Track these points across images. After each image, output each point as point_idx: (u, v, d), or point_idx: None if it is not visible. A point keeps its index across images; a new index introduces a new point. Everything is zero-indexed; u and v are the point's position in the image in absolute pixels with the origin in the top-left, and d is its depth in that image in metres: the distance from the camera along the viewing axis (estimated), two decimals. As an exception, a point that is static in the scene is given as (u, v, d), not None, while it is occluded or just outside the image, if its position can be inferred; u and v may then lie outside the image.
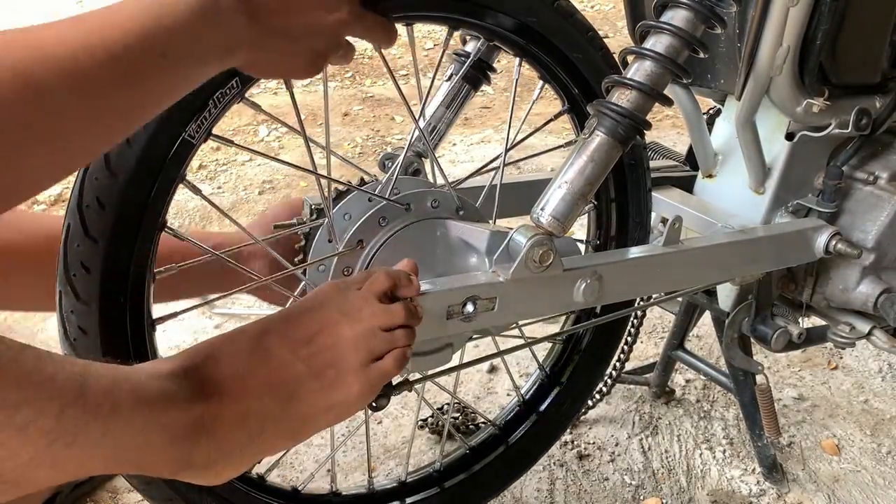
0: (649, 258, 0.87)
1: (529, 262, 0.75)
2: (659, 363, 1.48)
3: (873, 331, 1.13)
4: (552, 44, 0.87)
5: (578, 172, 0.74)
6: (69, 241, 0.66)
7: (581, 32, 0.88)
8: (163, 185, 0.68)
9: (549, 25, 0.86)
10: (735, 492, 1.32)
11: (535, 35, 0.86)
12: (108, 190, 0.65)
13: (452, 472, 1.05)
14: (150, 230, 0.68)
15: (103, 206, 0.65)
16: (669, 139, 2.89)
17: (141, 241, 0.68)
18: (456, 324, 0.75)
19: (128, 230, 0.67)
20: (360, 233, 0.82)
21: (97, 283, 0.67)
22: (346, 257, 0.82)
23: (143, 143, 0.66)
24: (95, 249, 0.66)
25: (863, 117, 1.04)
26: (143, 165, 0.66)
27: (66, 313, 0.67)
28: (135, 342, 0.71)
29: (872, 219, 1.07)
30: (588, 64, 0.89)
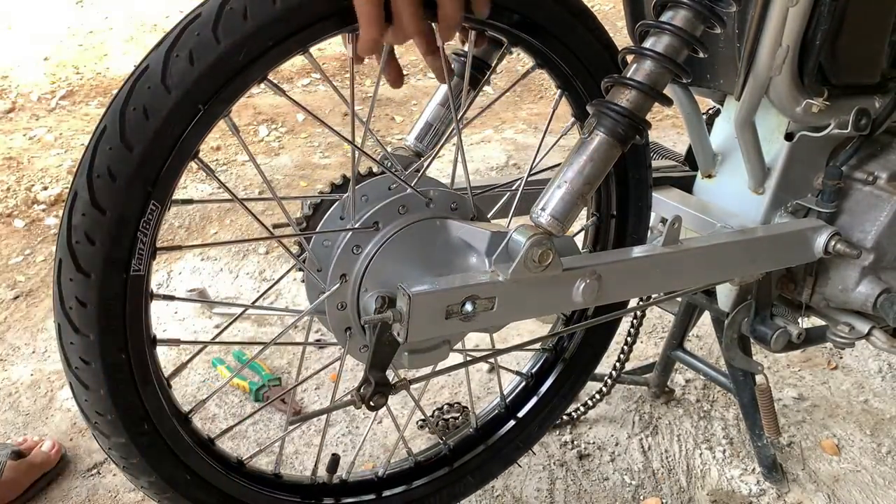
0: (648, 258, 0.87)
1: (528, 262, 0.75)
2: (658, 363, 1.48)
3: (873, 331, 1.13)
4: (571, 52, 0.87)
5: (578, 172, 0.74)
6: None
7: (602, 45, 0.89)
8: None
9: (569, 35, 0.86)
10: (735, 492, 1.32)
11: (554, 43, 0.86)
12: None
13: (428, 469, 1.06)
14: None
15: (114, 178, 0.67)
16: (669, 139, 2.89)
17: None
18: (455, 323, 0.75)
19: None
20: (378, 215, 0.82)
21: (101, 255, 0.69)
22: (356, 235, 0.82)
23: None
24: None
25: (862, 117, 1.04)
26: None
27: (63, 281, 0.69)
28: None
29: (872, 219, 1.07)
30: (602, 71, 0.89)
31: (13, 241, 2.18)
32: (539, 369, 1.10)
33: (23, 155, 2.74)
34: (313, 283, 0.85)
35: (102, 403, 0.74)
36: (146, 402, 0.77)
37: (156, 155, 0.68)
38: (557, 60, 0.88)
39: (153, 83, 0.67)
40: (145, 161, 0.68)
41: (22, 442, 1.36)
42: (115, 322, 0.71)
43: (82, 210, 0.68)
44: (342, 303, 0.83)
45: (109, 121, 0.67)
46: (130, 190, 0.68)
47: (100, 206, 0.67)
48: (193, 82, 0.67)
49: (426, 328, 0.74)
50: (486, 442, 1.09)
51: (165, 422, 0.79)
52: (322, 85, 3.55)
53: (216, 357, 1.63)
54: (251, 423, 1.47)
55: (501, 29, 0.83)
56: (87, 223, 0.68)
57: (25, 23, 4.36)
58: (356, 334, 0.85)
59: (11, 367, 1.65)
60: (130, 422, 0.76)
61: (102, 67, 3.74)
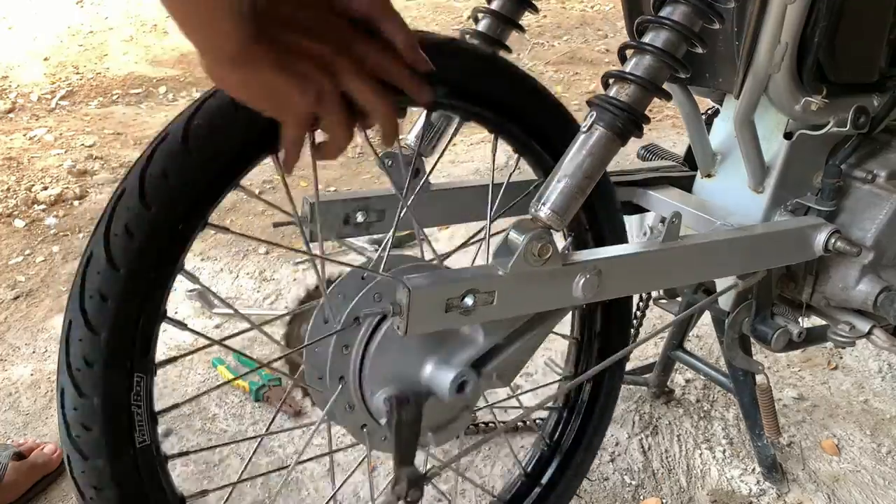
0: (648, 254, 0.87)
1: (528, 256, 0.75)
2: (658, 363, 1.48)
3: (873, 330, 1.12)
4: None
5: (577, 167, 0.75)
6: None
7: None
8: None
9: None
10: (735, 492, 1.32)
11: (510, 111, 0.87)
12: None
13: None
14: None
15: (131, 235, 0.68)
16: (669, 139, 2.90)
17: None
18: (455, 317, 0.75)
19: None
20: (357, 309, 0.81)
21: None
22: (343, 335, 0.81)
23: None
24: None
25: (861, 115, 1.04)
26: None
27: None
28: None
29: (871, 217, 1.07)
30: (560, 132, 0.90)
31: (13, 241, 2.18)
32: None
33: (23, 155, 2.74)
34: (316, 393, 0.85)
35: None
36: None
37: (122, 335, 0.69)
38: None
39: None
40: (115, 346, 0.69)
41: (23, 443, 1.36)
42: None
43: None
44: (349, 404, 0.83)
45: (72, 312, 0.68)
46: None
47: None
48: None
49: (426, 322, 0.74)
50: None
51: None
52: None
53: (216, 357, 1.63)
54: (251, 424, 1.47)
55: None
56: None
57: (25, 23, 4.37)
58: (374, 429, 0.85)
59: (11, 367, 1.64)
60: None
61: (102, 67, 3.75)
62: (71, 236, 2.23)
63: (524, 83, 0.88)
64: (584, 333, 1.05)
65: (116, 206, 0.68)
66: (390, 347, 0.81)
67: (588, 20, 4.56)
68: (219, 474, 1.34)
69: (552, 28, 4.42)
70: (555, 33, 4.34)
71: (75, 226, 2.28)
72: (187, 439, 1.42)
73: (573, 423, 1.07)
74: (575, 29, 4.42)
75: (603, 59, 3.98)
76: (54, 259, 2.10)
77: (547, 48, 4.13)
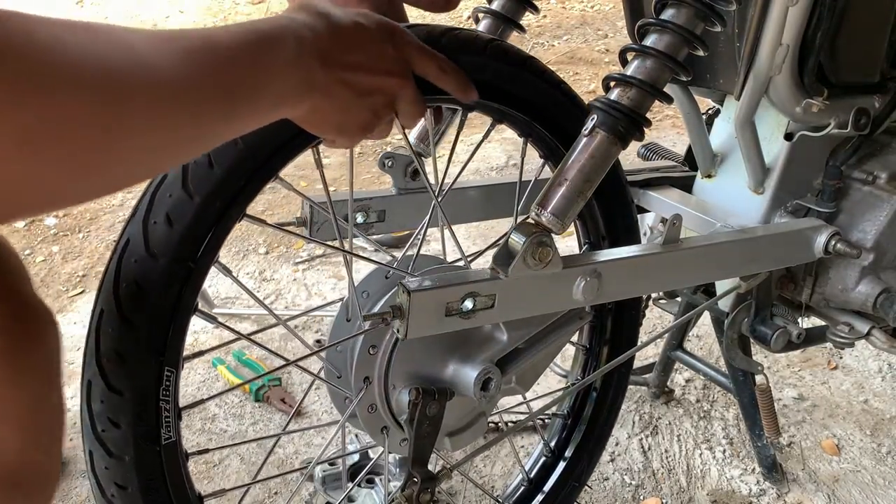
0: (648, 257, 0.87)
1: (528, 260, 0.75)
2: (658, 363, 1.48)
3: (872, 331, 1.13)
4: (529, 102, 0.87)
5: (578, 170, 0.75)
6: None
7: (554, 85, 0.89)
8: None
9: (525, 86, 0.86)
10: (735, 492, 1.32)
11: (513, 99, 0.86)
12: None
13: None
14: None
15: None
16: (669, 139, 2.90)
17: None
18: (455, 321, 0.75)
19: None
20: (384, 309, 0.79)
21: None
22: (370, 336, 0.81)
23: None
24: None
25: (862, 117, 1.04)
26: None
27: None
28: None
29: (871, 219, 1.07)
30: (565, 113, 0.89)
31: (13, 241, 2.18)
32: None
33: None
34: (337, 393, 0.84)
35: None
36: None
37: (157, 326, 0.68)
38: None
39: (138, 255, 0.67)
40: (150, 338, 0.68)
41: None
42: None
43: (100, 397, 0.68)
44: (372, 405, 0.83)
45: (104, 302, 0.68)
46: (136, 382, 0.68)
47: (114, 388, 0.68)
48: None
49: (426, 325, 0.74)
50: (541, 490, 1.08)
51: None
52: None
53: (216, 357, 1.63)
54: (251, 423, 1.47)
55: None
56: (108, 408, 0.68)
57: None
58: (394, 432, 0.85)
59: (11, 366, 1.64)
60: None
61: (103, 68, 3.75)
62: (71, 236, 2.23)
63: (558, 87, 0.88)
64: (592, 340, 1.05)
65: (156, 194, 0.67)
66: (417, 346, 0.81)
67: (588, 20, 4.56)
68: (219, 474, 1.34)
69: (552, 28, 4.41)
70: (555, 33, 4.34)
71: (75, 226, 2.28)
72: (187, 439, 1.42)
73: (577, 432, 1.08)
74: (575, 29, 4.42)
75: (603, 59, 3.98)
76: (54, 259, 2.10)
77: (547, 48, 4.12)
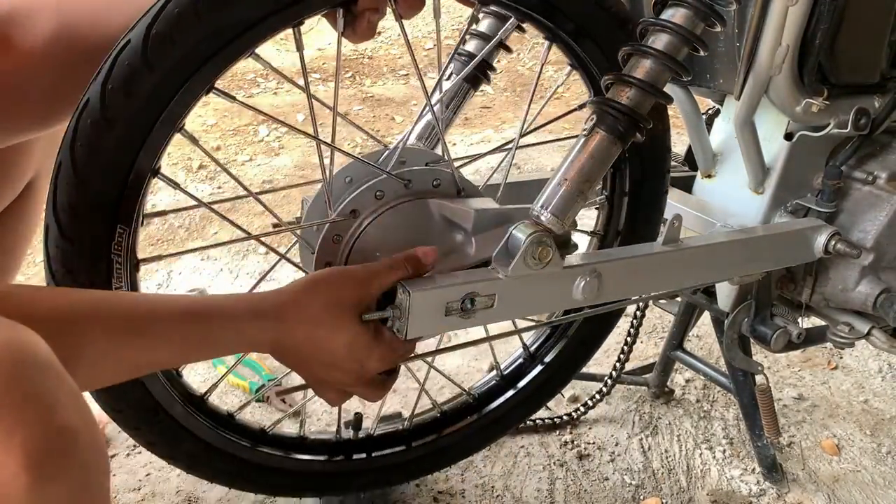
0: (648, 257, 0.87)
1: (528, 259, 0.75)
2: (658, 363, 1.48)
3: (872, 331, 1.13)
4: (585, 34, 0.86)
5: (578, 170, 0.75)
6: None
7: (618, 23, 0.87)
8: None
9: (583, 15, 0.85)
10: (735, 492, 1.32)
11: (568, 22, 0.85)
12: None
13: (421, 433, 1.07)
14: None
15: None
16: (669, 140, 2.89)
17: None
18: (455, 320, 0.75)
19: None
20: (356, 203, 0.82)
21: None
22: (338, 225, 0.82)
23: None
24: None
25: (861, 117, 1.04)
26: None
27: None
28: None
29: (871, 218, 1.07)
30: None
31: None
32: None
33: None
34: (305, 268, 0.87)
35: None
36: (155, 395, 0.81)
37: (109, 185, 0.70)
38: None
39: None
40: (102, 191, 0.70)
41: None
42: None
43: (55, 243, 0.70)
44: None
45: (62, 156, 0.69)
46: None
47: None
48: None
49: (426, 325, 0.74)
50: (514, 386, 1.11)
51: (178, 407, 0.84)
52: (322, 85, 3.55)
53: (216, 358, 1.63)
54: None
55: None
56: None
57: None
58: None
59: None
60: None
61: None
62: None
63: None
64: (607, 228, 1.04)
65: (117, 60, 0.67)
66: (377, 239, 0.83)
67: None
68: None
69: (552, 27, 4.41)
70: (555, 32, 4.33)
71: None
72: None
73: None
74: (575, 27, 4.41)
75: (603, 57, 3.98)
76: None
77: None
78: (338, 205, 0.82)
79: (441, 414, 1.08)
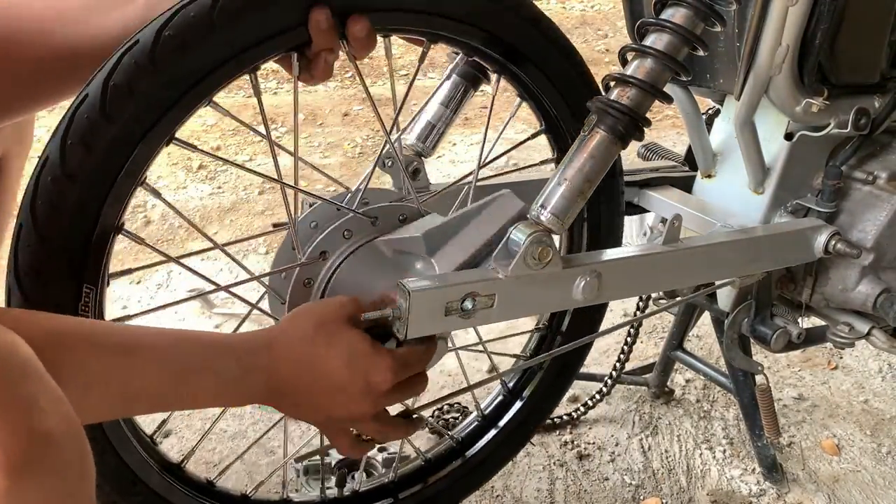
0: (648, 256, 0.87)
1: (528, 259, 0.75)
2: (658, 363, 1.48)
3: (872, 331, 1.13)
4: (531, 63, 0.86)
5: (578, 170, 0.75)
6: None
7: (563, 54, 0.88)
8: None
9: (528, 44, 0.85)
10: (735, 492, 1.32)
11: (514, 53, 0.85)
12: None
13: (407, 484, 1.04)
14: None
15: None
16: (669, 139, 2.90)
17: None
18: (455, 320, 0.75)
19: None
20: (325, 244, 0.81)
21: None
22: (308, 268, 0.81)
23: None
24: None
25: (862, 117, 1.04)
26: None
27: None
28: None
29: (871, 218, 1.07)
30: (568, 85, 0.89)
31: (13, 241, 2.18)
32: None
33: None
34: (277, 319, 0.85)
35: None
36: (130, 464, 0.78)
37: (75, 243, 0.69)
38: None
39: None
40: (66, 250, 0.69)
41: None
42: None
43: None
44: None
45: (23, 216, 0.68)
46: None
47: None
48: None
49: (426, 325, 0.74)
50: (496, 426, 1.08)
51: (154, 477, 0.81)
52: (322, 85, 3.55)
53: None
54: (251, 424, 1.47)
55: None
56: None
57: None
58: None
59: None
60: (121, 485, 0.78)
61: (103, 68, 3.74)
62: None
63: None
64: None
65: (75, 115, 0.67)
66: (351, 281, 0.82)
67: (588, 20, 4.56)
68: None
69: (552, 27, 4.41)
70: (555, 32, 4.33)
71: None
72: (187, 439, 1.42)
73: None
74: (575, 29, 4.41)
75: (603, 58, 3.98)
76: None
77: (547, 47, 4.12)
78: (306, 248, 0.81)
79: (425, 462, 1.06)
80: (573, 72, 0.90)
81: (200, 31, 0.66)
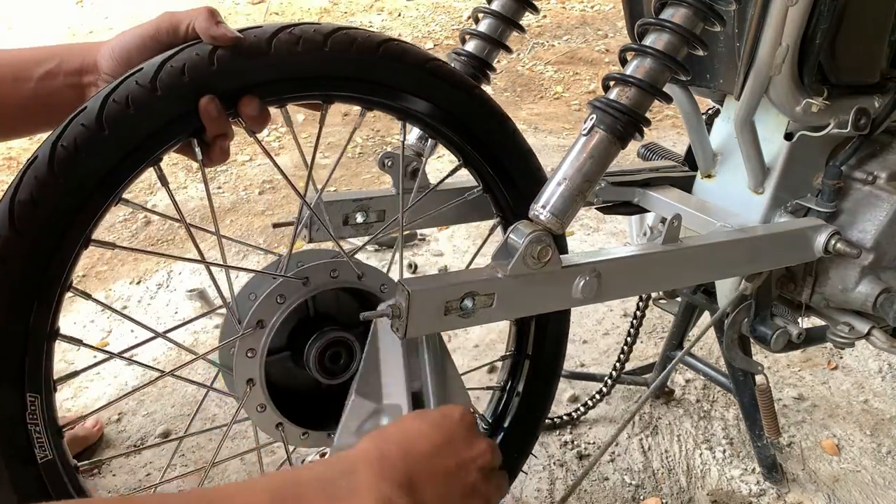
0: (648, 256, 0.87)
1: (528, 259, 0.75)
2: (658, 363, 1.48)
3: (872, 331, 1.12)
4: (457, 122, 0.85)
5: (577, 169, 0.75)
6: None
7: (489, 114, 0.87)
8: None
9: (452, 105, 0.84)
10: (735, 492, 1.32)
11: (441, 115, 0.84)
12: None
13: None
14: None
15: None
16: (669, 139, 2.90)
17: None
18: (454, 319, 0.75)
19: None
20: (260, 312, 0.82)
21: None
22: (250, 338, 0.82)
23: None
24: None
25: (861, 117, 1.04)
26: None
27: None
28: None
29: (871, 218, 1.07)
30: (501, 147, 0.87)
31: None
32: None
33: (22, 155, 2.74)
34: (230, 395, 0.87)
35: None
36: None
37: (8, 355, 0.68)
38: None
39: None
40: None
41: (64, 417, 1.37)
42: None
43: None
44: (261, 405, 0.86)
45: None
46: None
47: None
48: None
49: (425, 324, 0.74)
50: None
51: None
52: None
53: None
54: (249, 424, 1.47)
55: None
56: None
57: (25, 23, 4.37)
58: (289, 427, 0.88)
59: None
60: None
61: (103, 68, 3.75)
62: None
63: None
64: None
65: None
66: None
67: (588, 20, 4.56)
68: (219, 475, 1.34)
69: (552, 28, 4.41)
70: (555, 33, 4.34)
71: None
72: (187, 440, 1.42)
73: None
74: (575, 29, 4.42)
75: (603, 59, 3.98)
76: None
77: (547, 48, 4.13)
78: (245, 319, 0.82)
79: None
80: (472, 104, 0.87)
81: (91, 140, 0.67)
